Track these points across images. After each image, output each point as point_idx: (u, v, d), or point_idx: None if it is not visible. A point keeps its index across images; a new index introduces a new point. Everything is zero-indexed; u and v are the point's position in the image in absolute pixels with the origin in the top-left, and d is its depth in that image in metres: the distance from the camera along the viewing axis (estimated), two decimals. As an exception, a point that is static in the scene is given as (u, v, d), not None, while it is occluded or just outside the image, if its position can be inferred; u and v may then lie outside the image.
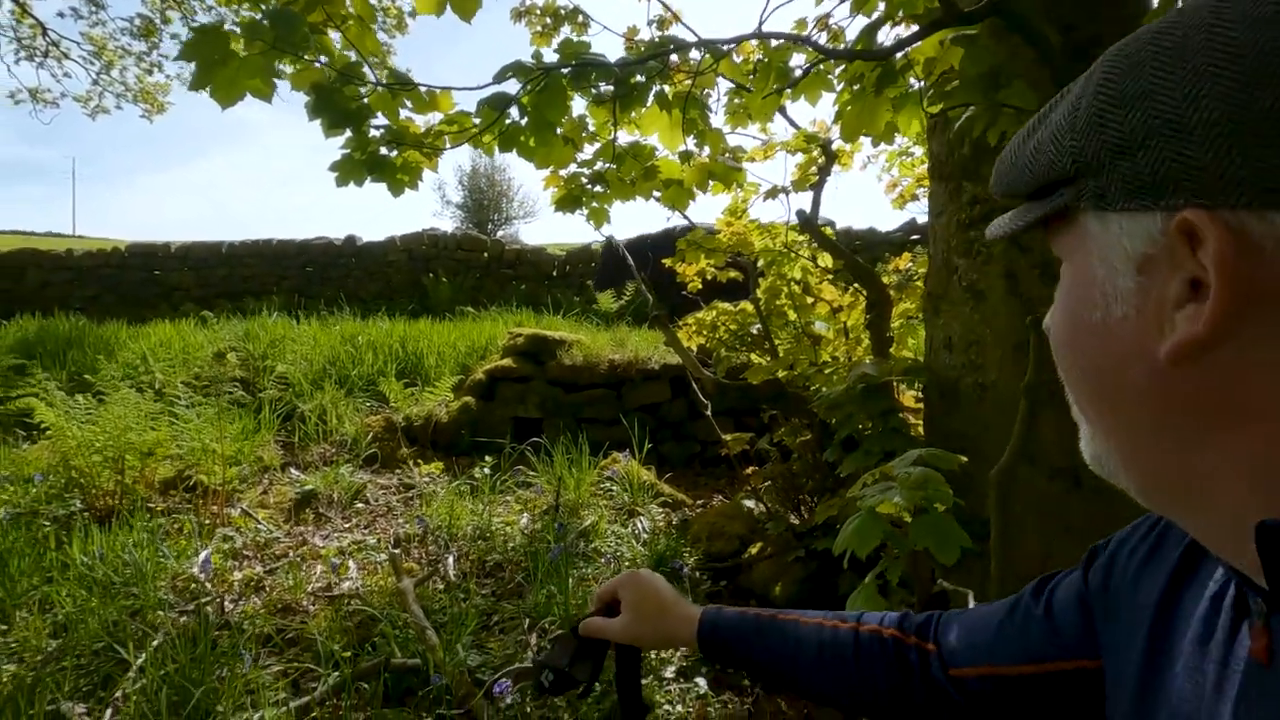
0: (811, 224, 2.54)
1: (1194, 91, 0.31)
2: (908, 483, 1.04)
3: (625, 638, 0.81)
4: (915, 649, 0.68)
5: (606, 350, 4.42)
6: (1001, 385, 1.93)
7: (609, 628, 0.81)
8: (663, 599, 0.81)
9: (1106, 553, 0.55)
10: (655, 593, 0.81)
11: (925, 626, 0.69)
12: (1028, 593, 0.62)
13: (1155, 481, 0.39)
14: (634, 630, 0.80)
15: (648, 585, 0.82)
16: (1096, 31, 1.78)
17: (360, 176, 1.68)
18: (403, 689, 2.08)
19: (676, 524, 3.18)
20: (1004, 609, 0.63)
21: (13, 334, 5.23)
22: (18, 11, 10.21)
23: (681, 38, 1.92)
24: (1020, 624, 0.60)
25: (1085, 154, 0.35)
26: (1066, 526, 1.77)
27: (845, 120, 1.71)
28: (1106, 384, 0.38)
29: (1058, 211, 0.39)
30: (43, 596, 2.44)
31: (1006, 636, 0.61)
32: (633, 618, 0.80)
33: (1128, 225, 0.35)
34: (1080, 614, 0.56)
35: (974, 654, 0.63)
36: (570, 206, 2.34)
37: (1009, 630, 0.61)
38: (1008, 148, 0.44)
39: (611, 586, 0.84)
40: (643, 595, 0.81)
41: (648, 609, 0.80)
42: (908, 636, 0.69)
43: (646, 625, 0.80)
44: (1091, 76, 0.36)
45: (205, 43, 1.35)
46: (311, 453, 3.84)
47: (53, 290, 9.70)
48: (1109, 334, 0.37)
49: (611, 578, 0.86)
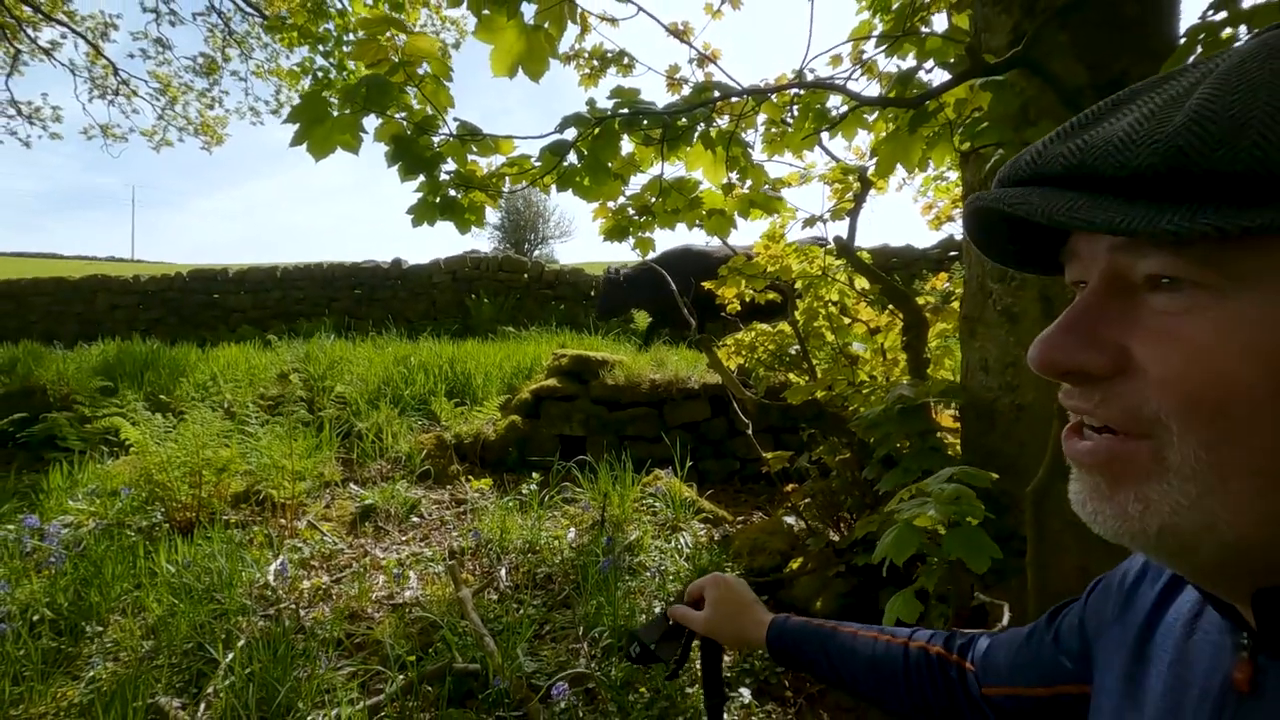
0: (848, 249, 2.64)
1: None
2: (941, 498, 1.13)
3: (705, 629, 0.92)
4: (956, 666, 0.74)
5: (647, 370, 4.55)
6: (1037, 405, 1.99)
7: (692, 617, 0.92)
8: (742, 602, 0.91)
9: (1105, 581, 0.59)
10: (736, 595, 0.91)
11: (966, 646, 0.75)
12: (1043, 620, 0.67)
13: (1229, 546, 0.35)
14: (713, 624, 0.91)
15: (731, 587, 0.92)
16: (1125, 67, 1.86)
17: (434, 217, 1.85)
18: (463, 692, 2.21)
19: (718, 539, 3.27)
20: (1025, 634, 0.69)
21: (96, 356, 5.61)
22: (92, 54, 10.93)
23: (720, 78, 2.05)
24: (1035, 649, 0.66)
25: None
26: (1105, 541, 1.83)
27: (880, 158, 1.82)
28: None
29: (1257, 227, 0.30)
30: (134, 601, 2.65)
31: (1024, 660, 0.66)
32: (713, 613, 0.91)
33: None
34: (1080, 639, 0.60)
35: (999, 675, 0.69)
36: (619, 236, 2.48)
37: (1026, 654, 0.66)
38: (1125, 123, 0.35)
39: (700, 584, 0.95)
40: (725, 595, 0.91)
41: (727, 608, 0.90)
42: (950, 655, 0.75)
43: (725, 623, 0.90)
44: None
45: (309, 107, 1.53)
46: (369, 469, 4.04)
47: (120, 313, 10.27)
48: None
49: (695, 579, 0.98)
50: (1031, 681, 0.65)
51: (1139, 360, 0.36)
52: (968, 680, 0.73)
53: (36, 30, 10.56)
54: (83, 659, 2.36)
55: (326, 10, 5.80)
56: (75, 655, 2.39)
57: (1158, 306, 0.36)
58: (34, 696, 2.15)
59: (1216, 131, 0.31)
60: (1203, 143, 0.31)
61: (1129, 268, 0.37)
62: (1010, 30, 2.03)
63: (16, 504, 3.51)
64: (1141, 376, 0.36)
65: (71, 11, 10.51)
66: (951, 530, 1.13)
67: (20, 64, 10.73)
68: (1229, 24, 1.38)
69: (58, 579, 2.69)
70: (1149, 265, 0.35)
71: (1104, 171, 0.34)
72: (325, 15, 5.70)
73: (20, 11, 10.29)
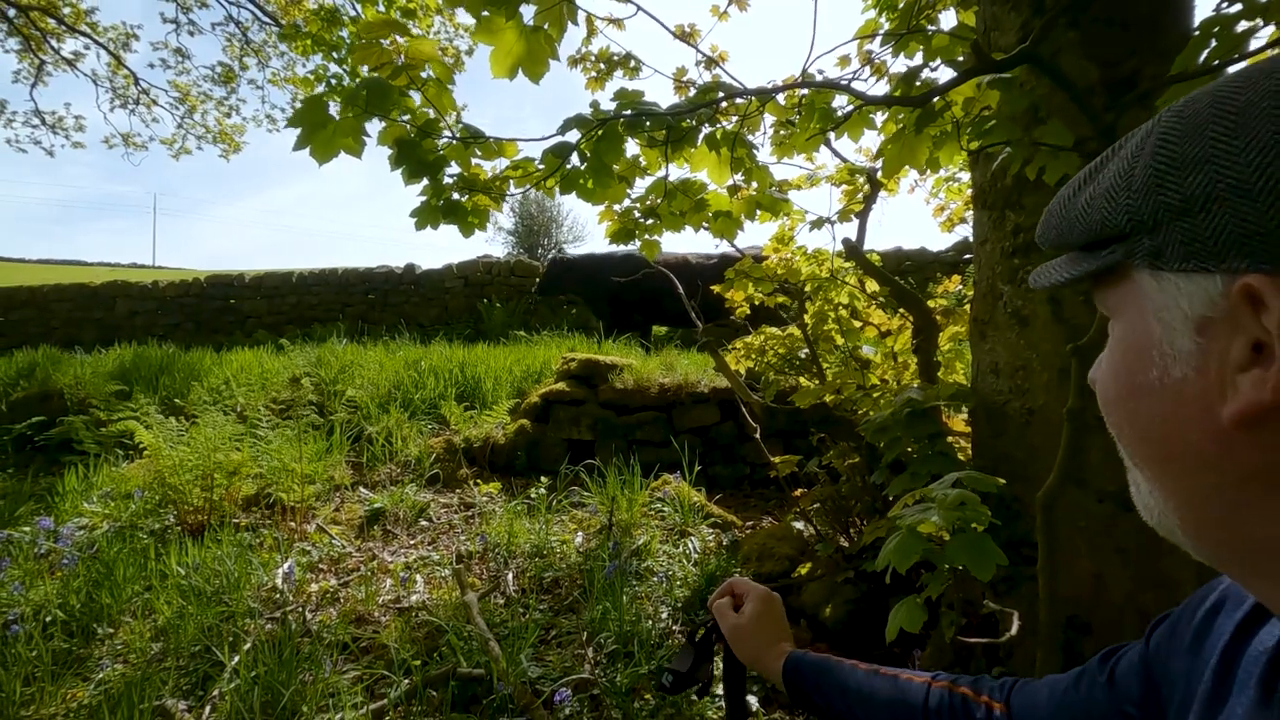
0: (857, 252, 2.61)
1: (1260, 160, 0.31)
2: (945, 503, 1.11)
3: (732, 635, 0.90)
4: (984, 708, 0.71)
5: (656, 374, 4.54)
6: (1048, 410, 1.96)
7: (727, 615, 0.91)
8: (778, 628, 0.89)
9: (1170, 620, 0.56)
10: (777, 619, 0.90)
11: (1000, 688, 0.72)
12: (1094, 663, 0.63)
13: (1216, 545, 0.38)
14: (743, 634, 0.89)
15: (776, 608, 0.91)
16: (1136, 66, 1.82)
17: (436, 221, 1.85)
18: (468, 696, 2.20)
19: (726, 544, 3.24)
20: (1071, 678, 0.65)
21: (112, 361, 5.69)
22: (113, 64, 11.14)
23: (727, 81, 2.03)
24: (1085, 692, 0.62)
25: (1141, 213, 0.36)
26: (1118, 548, 1.79)
27: (886, 159, 1.80)
28: (1165, 445, 0.37)
29: (1109, 267, 0.39)
30: (144, 603, 2.67)
31: (1071, 704, 0.63)
32: (750, 625, 0.89)
33: (1185, 286, 0.34)
34: (1143, 680, 0.56)
35: (1041, 717, 0.66)
36: (624, 239, 2.47)
37: (1074, 698, 0.63)
38: (1056, 200, 0.44)
39: (747, 588, 0.93)
40: (768, 613, 0.90)
41: (765, 626, 0.89)
42: (979, 695, 0.72)
43: (755, 639, 0.88)
44: (1149, 136, 0.36)
45: (309, 111, 1.53)
46: (379, 472, 4.05)
47: (140, 319, 10.41)
48: (1167, 394, 0.36)
49: (713, 585, 0.96)
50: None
51: None
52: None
53: (60, 41, 10.79)
54: (93, 660, 2.38)
55: (340, 18, 5.86)
56: (86, 657, 2.42)
57: None
58: (44, 697, 2.17)
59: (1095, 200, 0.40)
60: (1086, 215, 0.40)
61: None
62: (1019, 28, 2.00)
63: (33, 506, 3.57)
64: None
65: (94, 23, 10.72)
66: (955, 536, 1.11)
67: (44, 75, 10.96)
68: (1244, 17, 1.35)
69: (70, 581, 2.71)
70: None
71: (1070, 245, 0.43)
72: (339, 23, 5.76)
73: (45, 24, 10.52)
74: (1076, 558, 1.86)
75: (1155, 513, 0.40)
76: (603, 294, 7.47)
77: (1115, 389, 0.41)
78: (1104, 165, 0.40)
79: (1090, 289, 0.43)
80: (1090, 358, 1.56)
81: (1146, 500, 0.41)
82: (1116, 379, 0.40)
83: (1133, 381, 0.38)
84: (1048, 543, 1.53)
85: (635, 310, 7.32)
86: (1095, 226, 0.39)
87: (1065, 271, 0.43)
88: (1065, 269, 0.43)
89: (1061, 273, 0.43)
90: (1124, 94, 1.82)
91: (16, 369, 5.56)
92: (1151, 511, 0.41)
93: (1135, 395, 0.38)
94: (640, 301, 7.18)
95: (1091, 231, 0.39)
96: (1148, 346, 0.37)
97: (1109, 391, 0.41)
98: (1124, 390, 0.40)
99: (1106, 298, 0.41)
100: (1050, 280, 0.44)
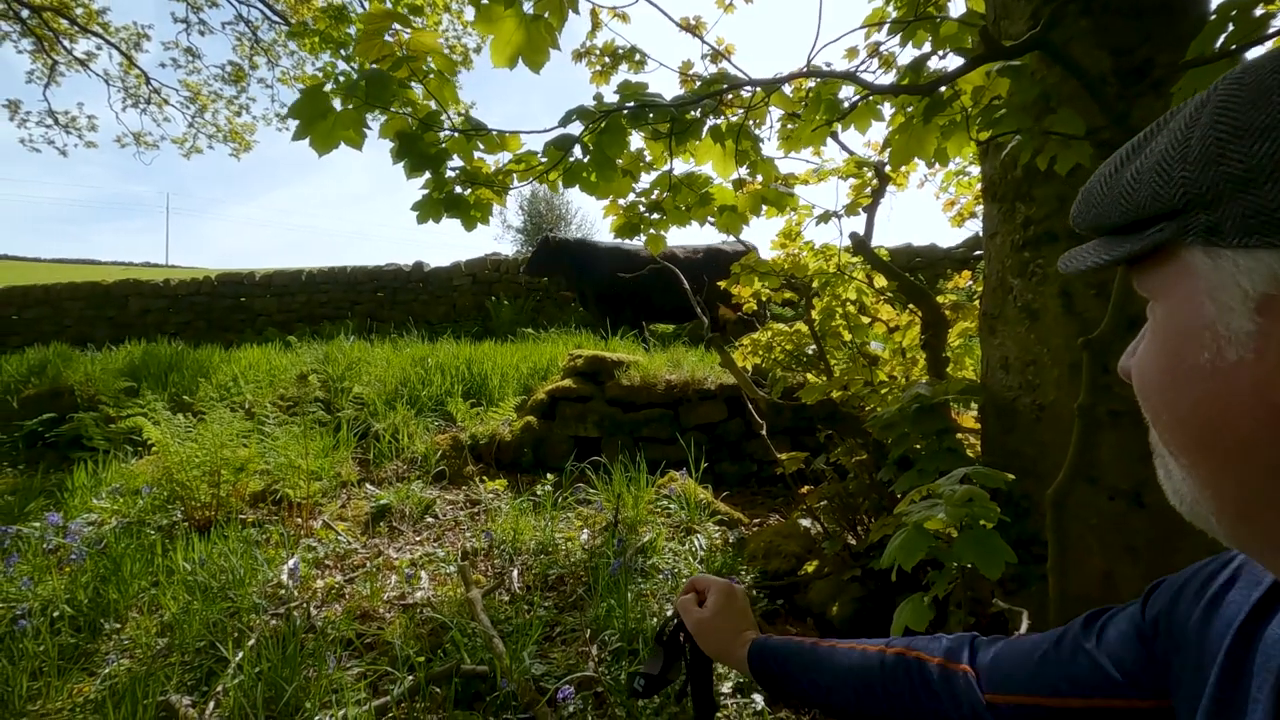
0: (865, 246, 2.58)
1: None
2: (953, 500, 1.08)
3: (697, 629, 0.89)
4: (940, 669, 0.68)
5: (663, 371, 4.52)
6: (1059, 405, 1.92)
7: (691, 610, 0.90)
8: (741, 619, 0.88)
9: (1170, 588, 0.54)
10: (740, 610, 0.89)
11: (957, 648, 0.70)
12: (1077, 625, 0.61)
13: (1254, 533, 0.36)
14: (707, 627, 0.88)
15: (738, 600, 0.90)
16: (1149, 54, 1.78)
17: (438, 214, 1.83)
18: (471, 694, 2.19)
19: (733, 542, 3.22)
20: (1049, 639, 0.63)
21: (122, 358, 5.73)
22: (125, 64, 11.23)
23: (733, 73, 2.01)
24: (1067, 656, 0.60)
25: (1199, 185, 0.33)
26: (1129, 546, 1.75)
27: (894, 149, 1.77)
28: (1209, 431, 0.36)
29: (1155, 246, 0.37)
30: (151, 599, 2.68)
31: (1050, 667, 0.60)
32: (712, 617, 0.88)
33: (1245, 262, 0.32)
34: (1138, 650, 0.54)
35: (1012, 682, 0.63)
36: (630, 234, 2.45)
37: (1053, 661, 0.61)
38: (1096, 178, 0.41)
39: (709, 584, 0.92)
40: (730, 606, 0.89)
41: (728, 618, 0.88)
42: (933, 657, 0.70)
43: (719, 631, 0.87)
44: (1204, 106, 0.34)
45: (309, 101, 1.52)
46: (385, 469, 4.06)
47: (152, 317, 10.50)
48: (1218, 378, 0.34)
49: (682, 588, 0.95)
50: (1058, 691, 0.59)
51: None
52: (959, 684, 0.66)
53: (73, 42, 10.88)
54: (99, 655, 2.39)
55: (347, 15, 5.87)
56: (93, 651, 2.42)
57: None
58: (51, 692, 2.17)
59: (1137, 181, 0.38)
60: (1133, 192, 0.38)
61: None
62: (1028, 16, 1.96)
63: (43, 502, 3.59)
64: None
65: (106, 23, 10.81)
66: (963, 533, 1.08)
67: (57, 75, 11.06)
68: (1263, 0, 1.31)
69: (78, 576, 2.73)
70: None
71: (1111, 225, 0.41)
72: (347, 20, 5.77)
73: (58, 24, 10.61)
74: (1087, 556, 1.82)
75: (1187, 500, 0.39)
76: (590, 282, 7.40)
77: (1157, 373, 0.39)
78: (1150, 140, 0.38)
79: (1127, 272, 0.41)
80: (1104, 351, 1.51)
81: (1178, 487, 0.39)
82: (1159, 363, 0.38)
83: (1179, 365, 0.37)
84: (1058, 540, 1.50)
85: (626, 304, 7.21)
86: (1144, 203, 0.36)
87: (1102, 254, 0.40)
88: (1101, 251, 0.40)
89: (1098, 255, 0.41)
90: (1136, 83, 1.78)
91: (28, 366, 5.61)
92: (1183, 499, 0.39)
93: (1181, 379, 0.37)
94: (631, 295, 7.07)
95: (1139, 208, 0.37)
96: (1198, 328, 0.35)
97: (1149, 376, 0.39)
98: (1168, 374, 0.38)
99: (1148, 279, 0.39)
100: (1085, 264, 0.41)
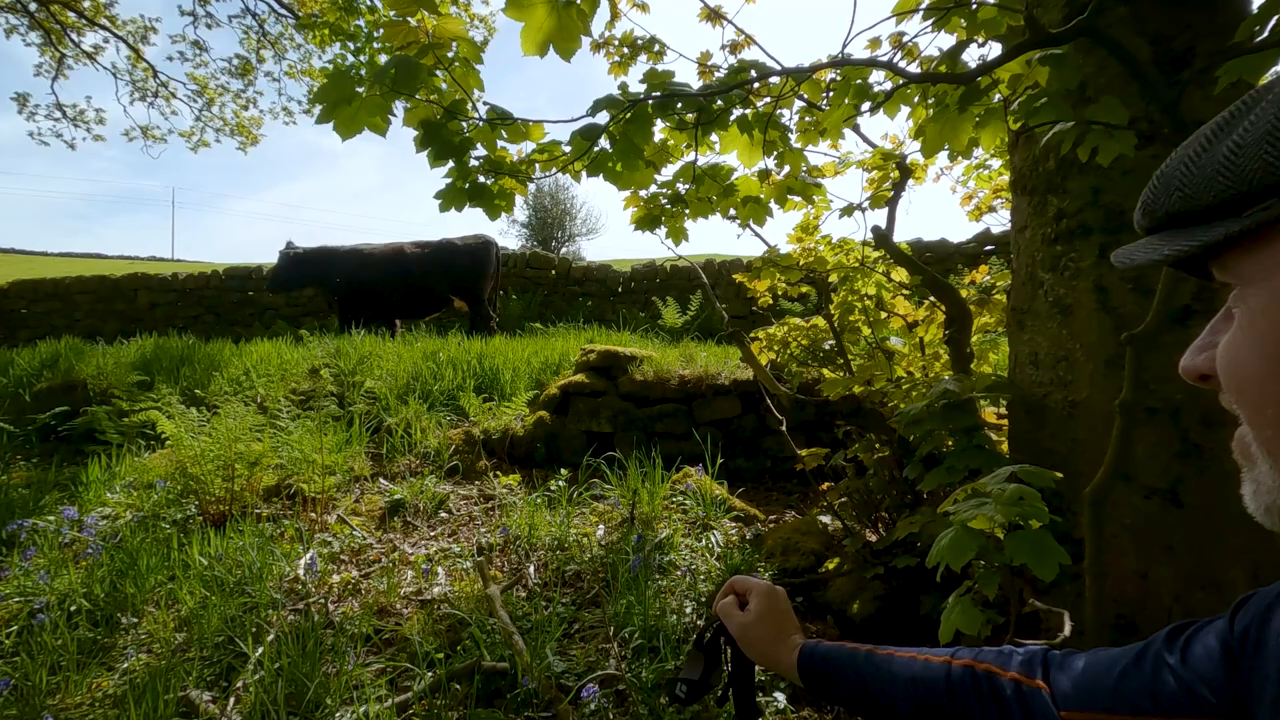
0: (887, 240, 2.54)
1: None
2: (1002, 499, 1.05)
3: (740, 634, 0.86)
4: (1013, 684, 0.66)
5: (676, 365, 4.49)
6: (1093, 402, 1.89)
7: (733, 615, 0.86)
8: (785, 621, 0.85)
9: (1261, 600, 0.51)
10: (781, 613, 0.86)
11: (1031, 663, 0.67)
12: (1160, 639, 0.58)
13: None
14: (751, 633, 0.85)
15: (781, 603, 0.86)
16: (1190, 42, 1.74)
17: (461, 203, 1.81)
18: (491, 690, 2.17)
19: (750, 538, 3.19)
20: (1129, 655, 0.60)
21: (134, 352, 5.72)
22: (133, 57, 11.21)
23: (758, 60, 1.97)
24: (1150, 673, 0.57)
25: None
26: (1166, 546, 1.72)
27: (927, 137, 1.73)
28: None
29: (1257, 225, 0.34)
30: (167, 593, 2.67)
31: (1131, 684, 0.58)
32: (755, 621, 0.85)
33: None
34: (1225, 666, 0.51)
35: (1091, 699, 0.60)
36: (650, 226, 2.42)
37: (1134, 677, 0.58)
38: (1176, 161, 0.39)
39: (751, 586, 0.89)
40: (771, 608, 0.85)
41: (771, 623, 0.84)
42: (1006, 671, 0.67)
43: (763, 636, 0.84)
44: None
45: (334, 86, 1.50)
46: (398, 464, 4.04)
47: (160, 310, 10.51)
48: None
49: (731, 577, 0.91)
50: (1140, 709, 0.56)
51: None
52: (1033, 700, 0.64)
53: (80, 35, 10.87)
54: (117, 650, 2.38)
55: (357, 7, 5.83)
56: (110, 646, 2.41)
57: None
58: (70, 686, 2.16)
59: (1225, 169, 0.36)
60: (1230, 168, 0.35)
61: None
62: (1064, 4, 1.92)
63: (57, 495, 3.58)
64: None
65: (113, 16, 10.79)
66: (1013, 534, 1.05)
67: (65, 68, 11.05)
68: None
69: (95, 570, 2.72)
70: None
71: (1201, 205, 0.38)
72: (356, 12, 5.74)
73: (65, 17, 10.59)
74: (1121, 556, 1.79)
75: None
76: (333, 286, 7.57)
77: (1258, 365, 0.36)
78: (1242, 116, 0.35)
79: (1209, 259, 0.38)
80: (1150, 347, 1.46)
81: (1276, 499, 0.37)
82: (1262, 351, 0.36)
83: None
84: (1095, 540, 1.47)
85: (366, 304, 7.45)
86: (1252, 175, 0.33)
87: (1182, 241, 0.37)
88: (1180, 240, 0.37)
89: (1176, 244, 0.37)
90: (1177, 71, 1.74)
91: (40, 360, 5.61)
92: (1273, 513, 0.37)
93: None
94: (371, 295, 7.37)
95: (1244, 180, 0.34)
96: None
97: (1247, 368, 0.37)
98: (1273, 363, 0.35)
99: (1240, 265, 0.37)
100: (1159, 254, 0.38)
